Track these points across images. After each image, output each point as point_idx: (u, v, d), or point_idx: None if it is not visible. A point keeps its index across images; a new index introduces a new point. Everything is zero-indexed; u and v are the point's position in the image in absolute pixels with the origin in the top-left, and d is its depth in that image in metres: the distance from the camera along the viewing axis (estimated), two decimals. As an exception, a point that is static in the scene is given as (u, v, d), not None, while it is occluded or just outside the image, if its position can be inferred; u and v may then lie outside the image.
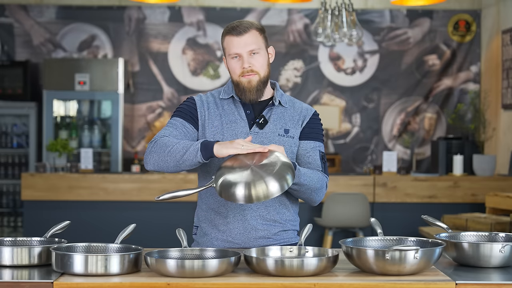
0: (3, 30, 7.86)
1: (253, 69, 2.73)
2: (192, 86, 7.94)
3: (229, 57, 2.75)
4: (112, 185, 6.53)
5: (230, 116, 2.79)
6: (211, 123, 2.79)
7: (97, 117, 7.76)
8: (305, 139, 2.81)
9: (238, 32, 2.72)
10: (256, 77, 2.74)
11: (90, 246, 2.48)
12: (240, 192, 2.45)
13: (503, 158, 7.25)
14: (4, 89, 7.65)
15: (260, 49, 2.74)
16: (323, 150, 2.84)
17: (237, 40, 2.72)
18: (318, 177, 2.76)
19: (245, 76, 2.74)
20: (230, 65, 2.76)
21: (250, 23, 2.75)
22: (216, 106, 2.82)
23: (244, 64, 2.72)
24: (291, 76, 7.97)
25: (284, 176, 2.47)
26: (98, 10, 7.89)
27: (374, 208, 6.58)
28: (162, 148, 2.67)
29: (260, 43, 2.75)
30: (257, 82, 2.74)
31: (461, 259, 2.50)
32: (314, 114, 2.86)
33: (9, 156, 7.74)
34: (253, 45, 2.72)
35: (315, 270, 2.29)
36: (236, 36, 2.72)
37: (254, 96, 2.76)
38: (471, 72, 7.97)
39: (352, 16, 6.82)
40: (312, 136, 2.82)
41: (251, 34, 2.72)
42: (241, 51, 2.72)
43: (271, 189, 2.45)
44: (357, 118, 8.00)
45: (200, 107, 2.81)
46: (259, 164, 2.49)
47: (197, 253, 2.44)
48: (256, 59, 2.73)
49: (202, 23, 7.92)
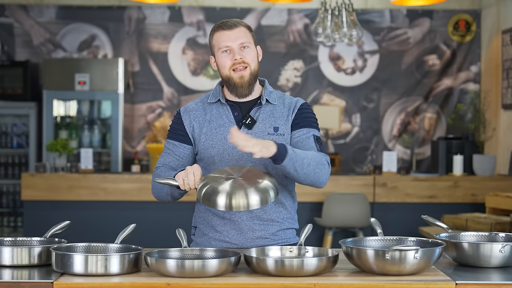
0: (3, 30, 7.86)
1: (244, 61, 2.73)
2: (192, 86, 7.94)
3: (219, 51, 2.75)
4: (112, 185, 6.53)
5: (218, 120, 2.79)
6: (201, 131, 2.79)
7: (97, 117, 7.77)
8: (297, 128, 2.79)
9: (228, 26, 2.74)
10: (247, 70, 2.74)
11: (90, 246, 2.48)
12: (221, 201, 2.49)
13: (503, 158, 7.25)
14: (4, 89, 7.65)
15: (250, 43, 2.76)
16: (318, 134, 2.79)
17: (227, 34, 2.74)
18: (314, 154, 2.67)
19: (236, 72, 2.73)
20: (220, 60, 2.75)
21: (239, 20, 2.79)
22: (204, 112, 2.82)
23: (235, 56, 2.72)
24: (291, 76, 7.97)
25: (267, 191, 2.52)
26: (98, 10, 7.89)
27: (374, 208, 6.58)
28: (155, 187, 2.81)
29: (250, 39, 2.77)
30: (249, 76, 2.74)
31: (461, 259, 2.50)
32: (302, 105, 2.82)
33: (9, 156, 7.74)
34: (243, 38, 2.74)
35: (315, 270, 2.30)
36: (227, 30, 2.74)
37: (246, 91, 2.76)
38: (471, 72, 7.97)
39: (352, 16, 6.82)
40: (303, 124, 2.78)
41: (240, 29, 2.75)
42: (232, 44, 2.73)
43: (251, 202, 2.49)
44: (357, 118, 8.00)
45: (186, 121, 2.82)
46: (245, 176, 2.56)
47: (197, 253, 2.45)
48: (247, 52, 2.75)
49: (202, 23, 7.92)
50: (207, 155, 2.77)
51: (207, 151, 2.76)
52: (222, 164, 2.75)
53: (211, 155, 2.76)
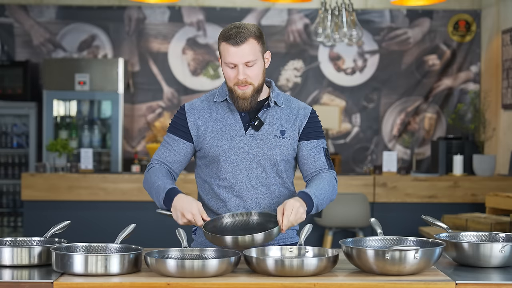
0: (3, 30, 7.86)
1: (247, 81, 2.71)
2: (192, 86, 7.93)
3: (224, 64, 2.73)
4: (112, 185, 6.53)
5: (224, 119, 2.78)
6: (205, 129, 2.78)
7: (97, 117, 7.76)
8: (307, 139, 2.80)
9: (235, 42, 2.67)
10: (250, 87, 2.72)
11: (90, 246, 2.48)
12: (228, 240, 2.49)
13: (503, 158, 7.25)
14: (4, 89, 7.65)
15: (257, 59, 2.71)
16: (326, 146, 2.85)
17: (233, 50, 2.67)
18: (329, 181, 2.77)
19: (239, 87, 2.72)
20: (225, 72, 2.73)
21: (248, 31, 2.69)
22: (209, 110, 2.80)
23: (239, 75, 2.69)
24: (291, 76, 7.97)
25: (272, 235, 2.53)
26: (98, 10, 7.89)
27: (374, 208, 6.58)
28: (147, 183, 2.79)
29: (257, 53, 2.71)
30: (252, 92, 2.73)
31: (461, 259, 2.50)
32: (311, 113, 2.84)
33: (9, 156, 7.74)
34: (250, 56, 2.68)
35: (315, 270, 2.30)
36: (233, 46, 2.67)
37: (248, 105, 2.74)
38: (471, 72, 7.97)
39: (352, 16, 6.82)
40: (314, 135, 2.81)
41: (248, 44, 2.68)
42: (237, 61, 2.68)
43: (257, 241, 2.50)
44: (357, 118, 8.00)
45: (190, 118, 2.80)
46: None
47: (197, 253, 2.45)
48: (251, 70, 2.70)
49: (202, 23, 7.92)
50: (212, 153, 2.76)
51: (212, 149, 2.76)
52: (227, 164, 2.74)
53: (216, 154, 2.75)
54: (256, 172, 2.75)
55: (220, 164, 2.75)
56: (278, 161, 2.76)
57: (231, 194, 2.75)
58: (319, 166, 2.80)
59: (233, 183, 2.75)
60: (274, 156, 2.75)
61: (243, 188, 2.74)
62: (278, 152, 2.75)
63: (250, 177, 2.75)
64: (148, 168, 2.83)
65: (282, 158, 2.77)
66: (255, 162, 2.74)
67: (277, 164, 2.76)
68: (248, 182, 2.75)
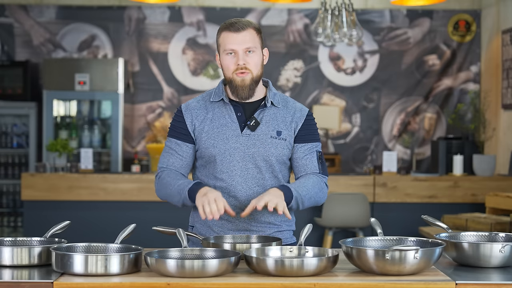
0: (3, 30, 7.86)
1: (247, 67, 2.72)
2: (192, 86, 7.94)
3: (224, 53, 2.73)
4: (112, 185, 6.53)
5: (221, 119, 2.78)
6: (202, 129, 2.78)
7: (97, 117, 7.76)
8: (302, 142, 2.80)
9: (236, 29, 2.70)
10: (249, 75, 2.73)
11: (90, 246, 2.48)
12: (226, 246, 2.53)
13: (503, 158, 7.25)
14: (4, 89, 7.65)
15: (256, 48, 2.73)
16: (320, 149, 2.84)
17: (234, 36, 2.70)
18: (315, 182, 2.76)
19: (238, 74, 2.72)
20: (224, 62, 2.74)
21: (249, 22, 2.74)
22: (206, 110, 2.80)
23: (239, 61, 2.71)
24: (291, 76, 7.97)
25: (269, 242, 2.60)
26: (98, 10, 7.89)
27: (374, 208, 6.58)
28: (164, 188, 2.78)
29: (257, 43, 2.74)
30: (250, 80, 2.73)
31: (461, 259, 2.50)
32: (308, 115, 2.83)
33: (9, 156, 7.74)
34: (249, 43, 2.71)
35: (315, 270, 2.29)
36: (234, 32, 2.70)
37: (247, 94, 2.75)
38: (471, 72, 7.97)
39: (352, 16, 6.82)
40: (309, 138, 2.81)
41: (248, 32, 2.72)
42: (237, 47, 2.71)
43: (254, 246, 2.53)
44: (357, 118, 8.00)
45: (188, 119, 2.80)
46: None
47: (197, 253, 2.44)
48: (251, 57, 2.72)
49: (202, 23, 7.92)
50: (208, 154, 2.76)
51: (208, 150, 2.76)
52: (223, 164, 2.74)
53: (212, 154, 2.75)
54: (252, 172, 2.75)
55: (216, 165, 2.75)
56: (273, 162, 2.76)
57: (227, 194, 2.75)
58: (310, 170, 2.79)
59: (229, 183, 2.75)
60: (270, 156, 2.75)
61: (239, 188, 2.74)
62: (273, 153, 2.75)
63: (246, 177, 2.75)
64: (158, 176, 2.81)
65: (277, 158, 2.76)
66: (251, 163, 2.74)
67: (272, 164, 2.76)
68: (244, 183, 2.75)
